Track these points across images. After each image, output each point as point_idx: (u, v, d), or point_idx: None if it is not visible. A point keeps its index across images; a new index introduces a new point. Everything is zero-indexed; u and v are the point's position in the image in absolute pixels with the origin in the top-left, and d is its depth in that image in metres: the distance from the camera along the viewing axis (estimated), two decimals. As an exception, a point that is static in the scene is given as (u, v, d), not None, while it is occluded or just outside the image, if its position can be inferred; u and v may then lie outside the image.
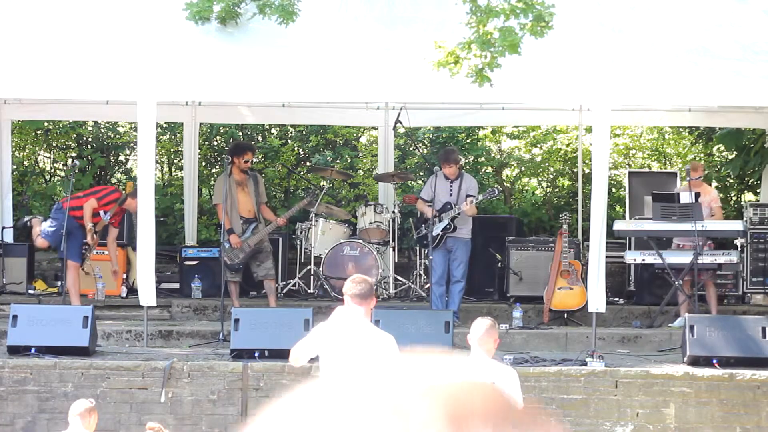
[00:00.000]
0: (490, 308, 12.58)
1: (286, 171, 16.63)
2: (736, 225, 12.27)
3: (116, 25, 11.41)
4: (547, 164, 17.37)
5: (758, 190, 15.21)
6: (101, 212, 12.02)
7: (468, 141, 16.85)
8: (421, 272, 13.10)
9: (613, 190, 15.72)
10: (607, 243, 10.88)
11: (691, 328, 10.02)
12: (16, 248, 13.51)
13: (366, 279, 6.99)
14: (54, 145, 17.43)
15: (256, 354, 9.91)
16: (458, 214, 11.75)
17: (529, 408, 1.00)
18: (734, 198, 16.85)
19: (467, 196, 11.80)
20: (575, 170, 15.87)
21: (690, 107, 13.66)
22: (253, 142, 16.04)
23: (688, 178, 12.14)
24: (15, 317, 10.11)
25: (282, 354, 9.88)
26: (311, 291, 13.07)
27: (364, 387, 0.99)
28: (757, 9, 11.99)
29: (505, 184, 17.41)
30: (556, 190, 17.42)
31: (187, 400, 9.73)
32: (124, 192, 12.65)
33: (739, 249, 12.86)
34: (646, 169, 16.65)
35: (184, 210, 14.81)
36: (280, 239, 13.52)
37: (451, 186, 11.90)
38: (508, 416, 0.97)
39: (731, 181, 16.67)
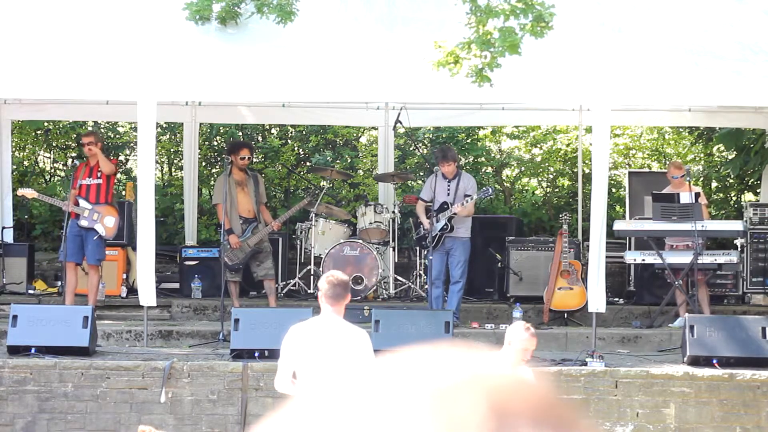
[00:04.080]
0: (490, 308, 12.59)
1: (286, 171, 16.63)
2: (736, 225, 12.26)
3: (116, 25, 11.41)
4: (547, 164, 17.36)
5: (758, 190, 15.21)
6: (83, 182, 11.50)
7: (468, 141, 16.85)
8: (421, 272, 13.09)
9: (613, 190, 15.72)
10: (607, 243, 10.87)
11: (691, 328, 10.01)
12: (16, 248, 13.50)
13: (341, 280, 6.71)
14: (54, 145, 17.43)
15: (256, 354, 9.91)
16: (453, 215, 11.70)
17: (570, 408, 1.00)
18: (734, 198, 16.85)
19: (465, 195, 11.75)
20: (575, 170, 15.87)
21: (690, 107, 13.65)
22: (253, 142, 16.05)
23: (672, 177, 12.13)
24: (15, 317, 10.10)
25: (282, 354, 9.92)
26: (311, 291, 13.06)
27: (342, 392, 0.98)
28: (757, 9, 11.99)
29: (505, 184, 17.41)
30: (556, 190, 17.42)
31: (187, 400, 9.73)
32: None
33: (739, 249, 12.86)
34: (646, 169, 16.65)
35: (184, 210, 14.81)
36: (280, 239, 13.53)
37: (448, 185, 11.83)
38: (549, 415, 0.97)
39: (731, 181, 16.67)
